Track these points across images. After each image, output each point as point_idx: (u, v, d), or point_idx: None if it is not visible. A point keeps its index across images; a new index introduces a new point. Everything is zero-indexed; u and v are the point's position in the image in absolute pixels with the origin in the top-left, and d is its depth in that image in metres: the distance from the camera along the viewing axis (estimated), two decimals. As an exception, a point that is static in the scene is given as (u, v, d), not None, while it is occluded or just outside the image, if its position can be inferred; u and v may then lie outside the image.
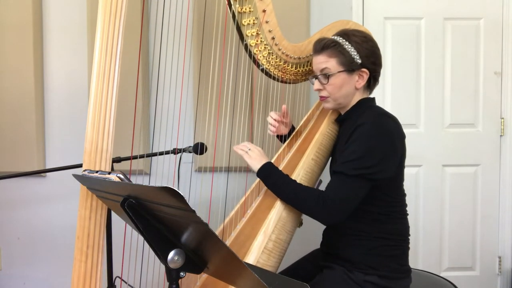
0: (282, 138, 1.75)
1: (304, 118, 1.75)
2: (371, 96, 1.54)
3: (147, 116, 2.20)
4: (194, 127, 2.16)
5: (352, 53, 1.43)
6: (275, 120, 1.66)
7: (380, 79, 1.54)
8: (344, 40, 1.44)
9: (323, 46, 1.45)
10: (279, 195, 1.42)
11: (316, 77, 1.50)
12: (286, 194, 1.41)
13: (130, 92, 1.91)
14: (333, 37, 1.47)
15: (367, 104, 1.49)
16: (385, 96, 2.33)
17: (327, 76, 1.45)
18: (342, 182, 1.34)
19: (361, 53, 1.43)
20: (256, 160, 1.46)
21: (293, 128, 1.77)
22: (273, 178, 1.42)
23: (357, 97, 1.49)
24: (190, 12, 2.08)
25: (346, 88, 1.46)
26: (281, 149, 1.66)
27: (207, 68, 1.91)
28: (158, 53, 1.67)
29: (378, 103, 1.55)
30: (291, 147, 1.65)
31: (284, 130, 1.72)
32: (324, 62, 1.45)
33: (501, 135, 2.38)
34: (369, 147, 1.33)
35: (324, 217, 1.36)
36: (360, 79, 1.46)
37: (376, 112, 1.44)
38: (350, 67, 1.43)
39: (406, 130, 1.43)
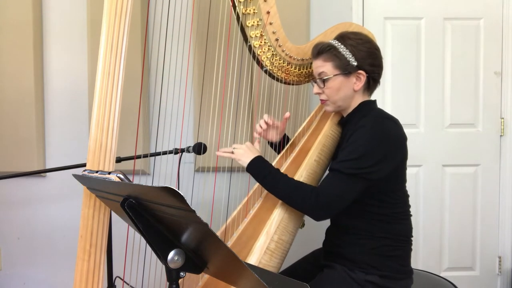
0: (275, 147, 1.74)
1: (307, 120, 1.75)
2: (372, 98, 1.54)
3: (148, 116, 2.20)
4: (198, 128, 2.15)
5: (347, 56, 1.43)
6: (265, 122, 1.63)
7: (380, 79, 1.53)
8: (339, 44, 1.45)
9: (319, 50, 1.47)
10: (271, 190, 1.42)
11: (315, 81, 1.51)
12: (277, 188, 1.40)
13: (132, 92, 1.90)
14: (329, 41, 1.48)
15: (369, 107, 1.49)
16: (385, 96, 2.33)
17: (324, 80, 1.47)
18: (337, 179, 1.35)
19: (357, 55, 1.43)
20: (244, 156, 1.46)
21: (286, 138, 1.75)
22: (263, 173, 1.42)
23: (357, 99, 1.50)
24: (194, 13, 2.08)
25: (344, 91, 1.47)
26: (283, 151, 1.66)
27: (210, 68, 1.91)
28: (161, 52, 1.67)
29: (378, 103, 1.54)
30: (293, 148, 1.65)
31: (273, 136, 1.70)
32: (321, 66, 1.47)
33: (501, 135, 2.38)
34: (368, 149, 1.33)
35: (315, 212, 1.37)
36: (357, 81, 1.46)
37: (377, 115, 1.44)
38: (346, 70, 1.44)
39: (406, 130, 1.43)
